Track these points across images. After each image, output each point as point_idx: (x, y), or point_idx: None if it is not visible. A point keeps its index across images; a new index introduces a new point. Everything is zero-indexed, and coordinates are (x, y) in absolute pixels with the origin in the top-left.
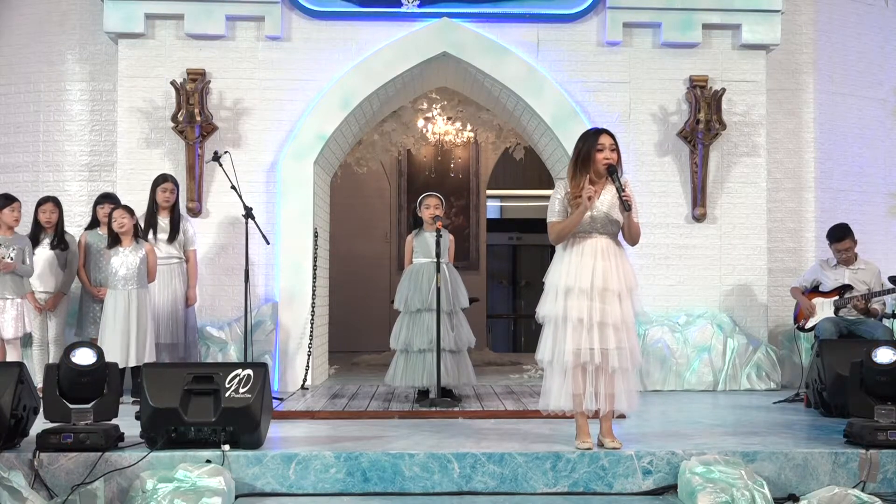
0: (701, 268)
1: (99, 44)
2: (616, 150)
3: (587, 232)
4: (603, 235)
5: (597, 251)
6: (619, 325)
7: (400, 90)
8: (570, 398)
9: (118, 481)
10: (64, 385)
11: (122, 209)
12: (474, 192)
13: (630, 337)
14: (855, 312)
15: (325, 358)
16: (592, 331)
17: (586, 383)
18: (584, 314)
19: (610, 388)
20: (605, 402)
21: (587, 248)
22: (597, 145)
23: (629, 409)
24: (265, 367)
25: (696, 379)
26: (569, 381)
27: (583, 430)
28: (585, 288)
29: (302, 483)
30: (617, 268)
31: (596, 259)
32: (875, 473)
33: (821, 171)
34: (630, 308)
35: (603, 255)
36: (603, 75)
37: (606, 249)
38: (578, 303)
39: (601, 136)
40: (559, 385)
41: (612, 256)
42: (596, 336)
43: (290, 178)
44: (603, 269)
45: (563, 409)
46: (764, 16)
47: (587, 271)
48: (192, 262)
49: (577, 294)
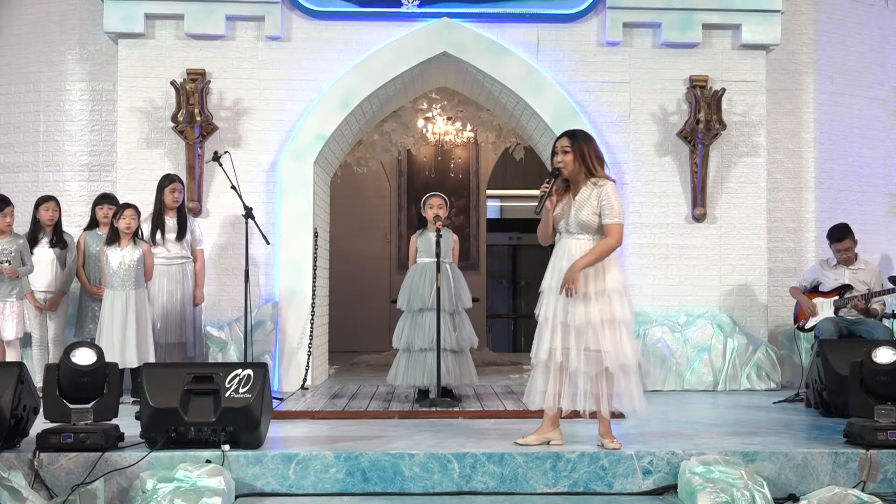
0: (701, 268)
1: (99, 44)
2: (570, 152)
3: (562, 233)
4: (575, 237)
5: (566, 252)
6: (584, 326)
7: (400, 90)
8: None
9: (118, 481)
10: (64, 385)
11: (132, 209)
12: (474, 192)
13: (601, 339)
14: (855, 312)
15: (325, 358)
16: (556, 331)
17: (553, 382)
18: (550, 314)
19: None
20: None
21: (560, 250)
22: (553, 149)
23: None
24: (265, 367)
25: (696, 379)
26: (541, 378)
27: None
28: (553, 288)
29: (302, 483)
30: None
31: (563, 260)
32: (875, 473)
33: (821, 171)
34: (602, 309)
35: (570, 255)
36: (603, 75)
37: (575, 250)
38: (547, 303)
39: (558, 140)
40: (537, 382)
41: (578, 257)
42: (559, 336)
43: (290, 178)
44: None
45: (539, 405)
46: (764, 16)
47: (557, 272)
48: (200, 261)
49: (548, 294)
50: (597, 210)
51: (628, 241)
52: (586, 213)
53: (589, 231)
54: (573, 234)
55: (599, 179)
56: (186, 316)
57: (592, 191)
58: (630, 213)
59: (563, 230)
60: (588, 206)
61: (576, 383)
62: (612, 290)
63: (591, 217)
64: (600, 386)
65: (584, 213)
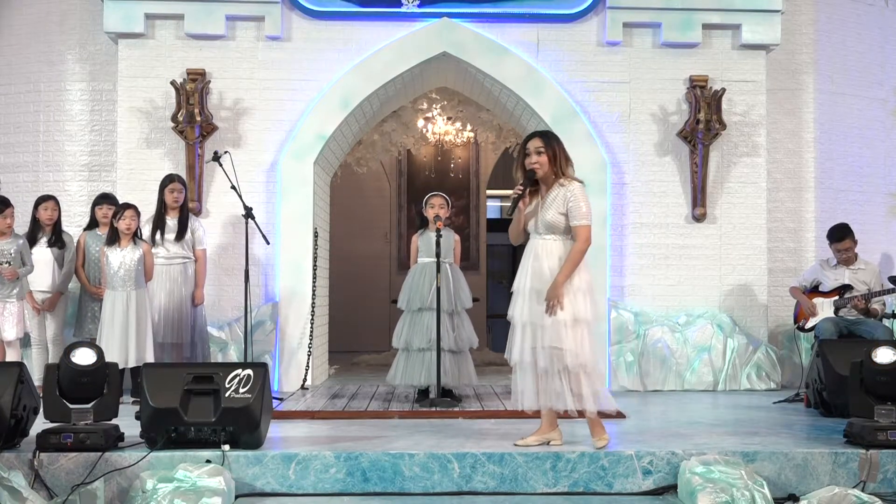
0: (701, 268)
1: (99, 44)
2: (545, 153)
3: (532, 234)
4: (542, 237)
5: (533, 252)
6: (548, 325)
7: (400, 90)
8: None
9: (118, 481)
10: (64, 385)
11: (132, 209)
12: (474, 192)
13: (563, 338)
14: (855, 312)
15: (325, 358)
16: (525, 330)
17: (526, 381)
18: (517, 313)
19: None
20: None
21: (529, 250)
22: (525, 150)
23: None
24: (265, 367)
25: (696, 379)
26: (518, 380)
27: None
28: (521, 288)
29: (302, 483)
30: (552, 268)
31: (530, 259)
32: (875, 473)
33: (821, 171)
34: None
35: (536, 256)
36: (603, 75)
37: (543, 250)
38: (515, 302)
39: (529, 140)
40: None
41: (545, 257)
42: (529, 336)
43: (290, 178)
44: (534, 269)
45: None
46: (764, 16)
47: (524, 272)
48: (201, 261)
49: (516, 294)
50: (563, 210)
51: (628, 240)
52: (552, 213)
53: (556, 231)
54: (541, 234)
55: (567, 180)
56: (184, 316)
57: (560, 191)
58: (630, 213)
59: (532, 230)
60: (554, 207)
61: (551, 382)
62: (578, 289)
63: (557, 217)
64: (564, 384)
65: (550, 214)
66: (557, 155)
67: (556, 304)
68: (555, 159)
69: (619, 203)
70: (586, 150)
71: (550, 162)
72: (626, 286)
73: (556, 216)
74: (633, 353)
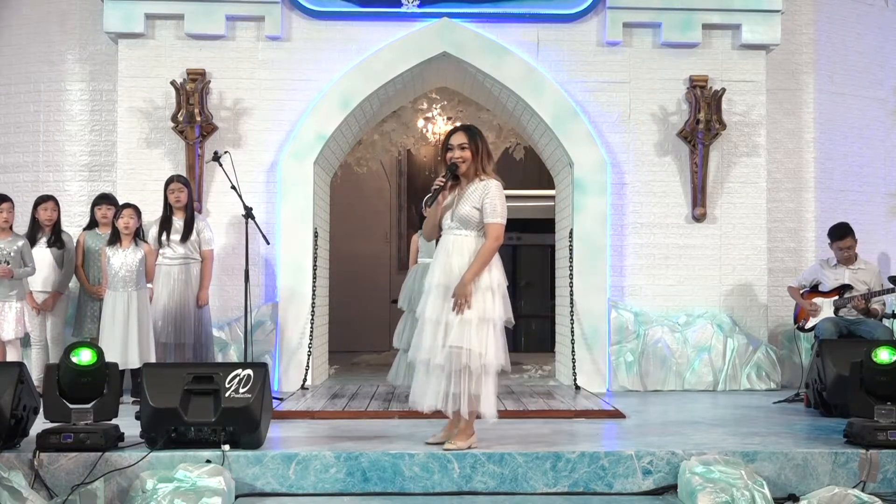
0: (701, 268)
1: (99, 44)
2: (469, 148)
3: (444, 229)
4: (454, 232)
5: (445, 248)
6: (454, 324)
7: (400, 90)
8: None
9: (118, 481)
10: (64, 385)
11: (131, 209)
12: None
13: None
14: (855, 312)
15: (325, 358)
16: (432, 328)
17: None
18: (427, 311)
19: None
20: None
21: (441, 246)
22: (448, 144)
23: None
24: (265, 367)
25: (696, 379)
26: (420, 378)
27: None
28: (431, 285)
29: (302, 483)
30: (461, 265)
31: (441, 255)
32: (875, 473)
33: (821, 171)
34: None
35: (448, 252)
36: (603, 75)
37: (454, 246)
38: (425, 300)
39: (453, 135)
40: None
41: (457, 254)
42: (435, 333)
43: (290, 178)
44: (445, 265)
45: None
46: (764, 16)
47: (436, 268)
48: (207, 262)
49: (427, 291)
50: (478, 205)
51: (628, 240)
52: (466, 207)
53: (468, 227)
54: (453, 229)
55: (486, 177)
56: (186, 317)
57: (478, 187)
58: (630, 213)
59: (446, 226)
60: (470, 201)
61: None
62: (487, 287)
63: (470, 211)
64: (462, 384)
65: (465, 208)
66: (480, 151)
67: (464, 303)
68: (477, 155)
69: (619, 203)
70: (586, 150)
71: (473, 157)
72: (626, 286)
73: (470, 210)
74: (633, 353)
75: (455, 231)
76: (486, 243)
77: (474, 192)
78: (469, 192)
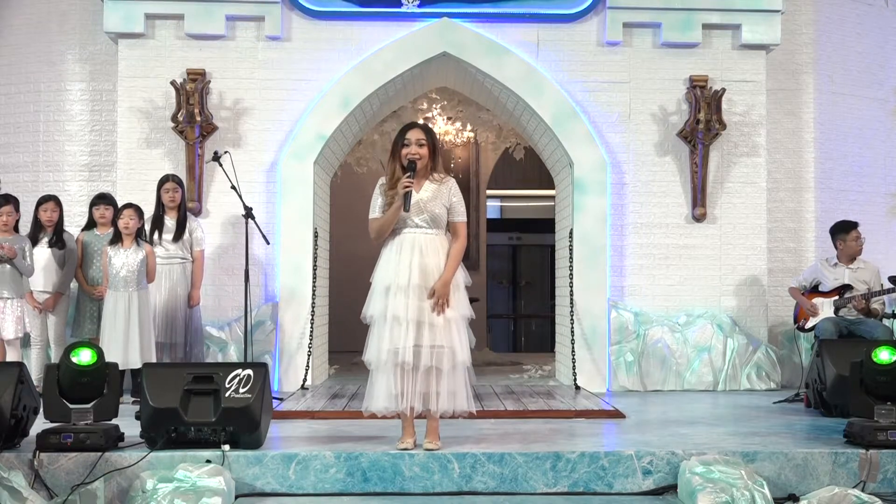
0: (701, 268)
1: (99, 44)
2: (426, 145)
3: (407, 227)
4: (423, 230)
5: (415, 247)
6: (436, 322)
7: (400, 90)
8: (392, 398)
9: (118, 481)
10: (64, 385)
11: (132, 209)
12: (474, 192)
13: (450, 336)
14: (855, 312)
15: (325, 358)
16: (409, 328)
17: (405, 382)
18: (401, 312)
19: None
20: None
21: (405, 244)
22: (403, 140)
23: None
24: (265, 367)
25: (696, 379)
26: (389, 380)
27: (406, 430)
28: (403, 285)
29: (302, 483)
30: (437, 265)
31: (413, 255)
32: (875, 473)
33: (821, 171)
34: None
35: (422, 251)
36: (603, 75)
37: (426, 245)
38: (396, 301)
39: (409, 130)
40: (381, 385)
41: (431, 253)
42: (412, 334)
43: (290, 178)
44: (420, 265)
45: (388, 409)
46: (764, 16)
47: (405, 268)
48: (199, 262)
49: (395, 292)
50: (447, 204)
51: (628, 240)
52: (438, 207)
53: (439, 226)
54: (422, 228)
55: (441, 175)
56: (178, 317)
57: (440, 186)
58: (630, 213)
59: (410, 224)
60: (438, 201)
61: (427, 382)
62: (457, 286)
63: (442, 210)
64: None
65: (437, 207)
66: (436, 148)
67: (445, 302)
68: (434, 153)
69: (619, 203)
70: (586, 150)
71: (430, 155)
72: (626, 286)
73: (441, 209)
74: (633, 353)
75: (426, 231)
76: (458, 242)
77: (440, 192)
78: (432, 191)
